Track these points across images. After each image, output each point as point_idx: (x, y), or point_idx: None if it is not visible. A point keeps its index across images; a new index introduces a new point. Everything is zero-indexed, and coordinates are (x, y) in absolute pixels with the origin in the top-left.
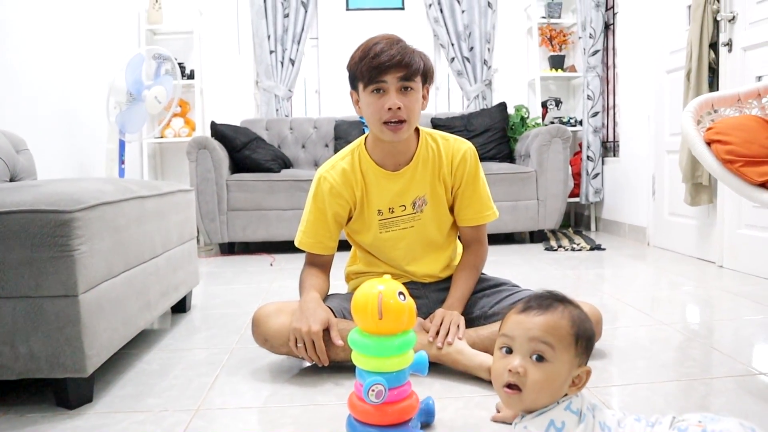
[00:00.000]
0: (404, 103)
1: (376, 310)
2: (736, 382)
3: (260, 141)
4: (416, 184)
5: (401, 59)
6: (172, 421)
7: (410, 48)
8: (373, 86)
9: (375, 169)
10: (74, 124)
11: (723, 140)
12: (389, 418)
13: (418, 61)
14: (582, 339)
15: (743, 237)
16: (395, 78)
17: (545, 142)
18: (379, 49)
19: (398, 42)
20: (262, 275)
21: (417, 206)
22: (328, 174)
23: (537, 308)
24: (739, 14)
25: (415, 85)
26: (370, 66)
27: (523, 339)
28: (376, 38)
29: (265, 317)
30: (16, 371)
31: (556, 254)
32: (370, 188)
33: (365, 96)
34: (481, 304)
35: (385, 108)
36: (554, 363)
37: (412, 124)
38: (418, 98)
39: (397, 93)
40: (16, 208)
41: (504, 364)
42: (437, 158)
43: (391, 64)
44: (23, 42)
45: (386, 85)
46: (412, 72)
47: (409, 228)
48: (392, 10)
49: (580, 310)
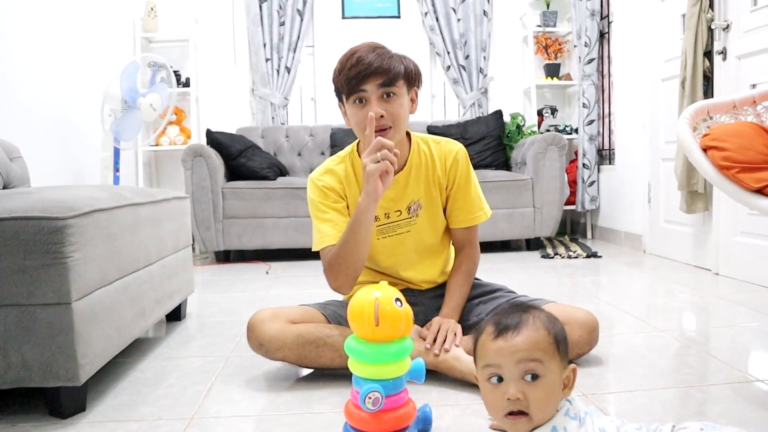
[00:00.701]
0: (387, 109)
1: (373, 317)
2: (734, 389)
3: (256, 149)
4: (411, 188)
5: (379, 65)
6: (167, 430)
7: (389, 53)
8: (354, 96)
9: None
10: (69, 132)
11: (719, 146)
12: (386, 426)
13: (397, 65)
14: (561, 341)
15: (739, 244)
16: (375, 86)
17: (541, 150)
18: (356, 59)
19: (376, 49)
20: (257, 283)
21: (412, 211)
22: (321, 177)
23: (512, 328)
24: (733, 23)
25: (397, 90)
26: (348, 77)
27: (511, 364)
28: (355, 47)
29: (260, 322)
30: (8, 380)
31: (553, 262)
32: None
33: (349, 107)
34: (478, 311)
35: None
36: (547, 375)
37: (399, 129)
38: (402, 103)
39: (379, 100)
40: (8, 215)
41: (499, 394)
42: (430, 161)
43: (368, 71)
44: (18, 49)
45: (367, 94)
46: (392, 77)
47: (405, 233)
48: (388, 18)
49: (545, 311)
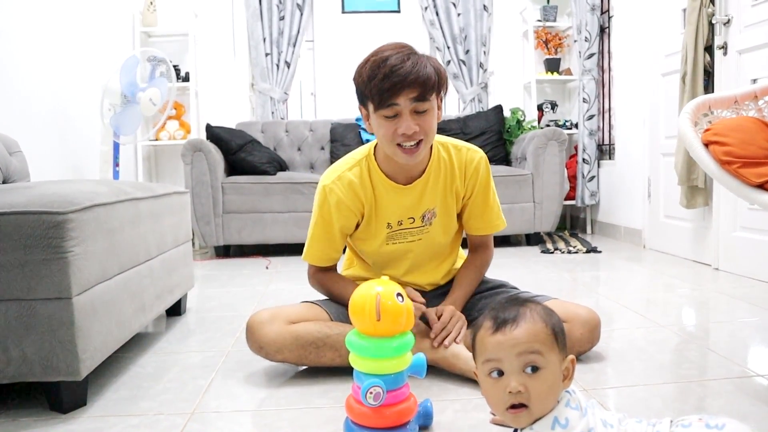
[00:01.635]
0: (420, 124)
1: (374, 312)
2: (734, 384)
3: (256, 144)
4: (427, 197)
5: (416, 78)
6: (167, 424)
7: (422, 59)
8: (384, 111)
9: (385, 182)
10: (68, 126)
11: (721, 141)
12: (387, 421)
13: (432, 75)
14: (559, 333)
15: (739, 239)
16: (409, 99)
17: (541, 145)
18: (390, 68)
19: (410, 56)
20: (257, 278)
21: (426, 219)
22: (335, 186)
23: (510, 322)
24: (734, 17)
25: (429, 104)
26: (380, 88)
27: (511, 357)
28: (385, 50)
29: (259, 324)
30: (9, 375)
31: (552, 257)
32: (380, 201)
33: (376, 118)
34: (480, 306)
35: (399, 133)
36: (547, 367)
37: (429, 142)
38: (433, 117)
39: (412, 115)
40: (8, 210)
41: (501, 388)
42: (449, 169)
43: (404, 84)
44: (17, 43)
45: (399, 107)
46: (427, 90)
47: (416, 241)
48: (388, 13)
49: (541, 305)
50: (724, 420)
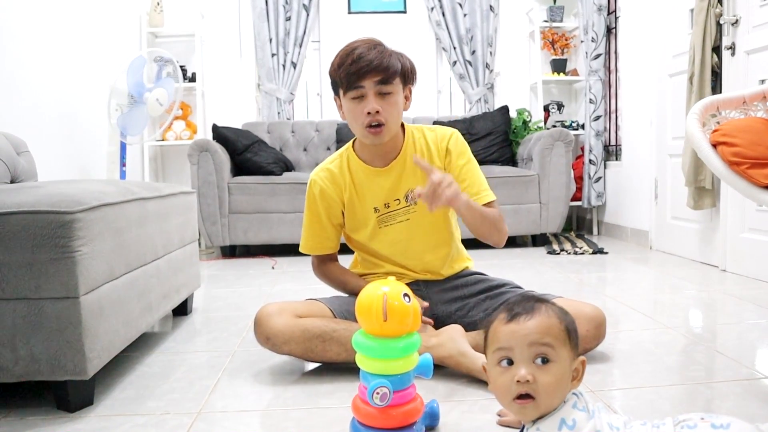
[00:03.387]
0: (383, 106)
1: (381, 312)
2: (741, 386)
3: (262, 144)
4: (407, 177)
5: (379, 63)
6: (174, 424)
7: (388, 51)
8: (352, 92)
9: (364, 168)
10: (75, 127)
11: (729, 142)
12: (393, 421)
13: (395, 63)
14: (572, 331)
15: (746, 241)
16: (373, 82)
17: (547, 146)
18: (357, 55)
19: (376, 46)
20: (263, 278)
21: (410, 199)
22: (317, 176)
23: (524, 313)
24: (743, 17)
25: (393, 88)
26: (348, 72)
27: (523, 346)
28: (355, 43)
29: (267, 316)
30: (17, 374)
31: (559, 258)
32: (362, 188)
33: (346, 102)
34: (485, 306)
35: (364, 112)
36: (558, 362)
37: (391, 126)
38: (397, 101)
39: (376, 97)
40: (17, 209)
41: (509, 376)
42: (426, 149)
43: (368, 69)
44: (24, 44)
45: (364, 90)
46: (390, 75)
47: (405, 221)
48: (394, 13)
49: (557, 305)
50: (729, 419)
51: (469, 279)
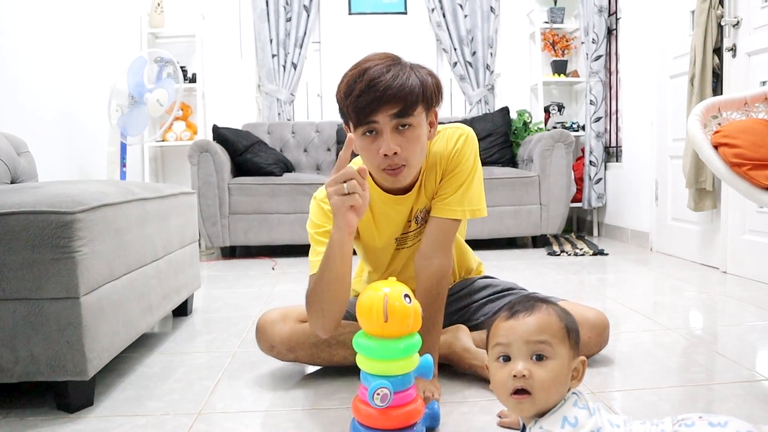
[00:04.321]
0: (402, 144)
1: (382, 313)
2: (742, 387)
3: (262, 145)
4: (420, 198)
5: (396, 92)
6: (174, 424)
7: (405, 71)
8: (363, 128)
9: (381, 195)
10: (76, 127)
11: (731, 143)
12: (394, 422)
13: (415, 86)
14: (572, 331)
15: (747, 243)
16: (388, 116)
17: (548, 147)
18: (368, 79)
19: (391, 67)
20: (263, 279)
21: (420, 220)
22: (323, 201)
23: (524, 311)
24: (744, 19)
25: (414, 119)
26: (357, 106)
27: (521, 342)
28: (366, 62)
29: (270, 324)
30: (17, 374)
31: (559, 259)
32: (380, 217)
33: (357, 137)
34: (485, 311)
35: (380, 154)
36: (555, 359)
37: (414, 166)
38: (419, 135)
39: (393, 133)
40: (17, 209)
41: (506, 372)
42: (438, 160)
43: (382, 100)
44: (25, 44)
45: (378, 125)
46: (409, 105)
47: (418, 242)
48: (395, 14)
49: (560, 306)
50: (726, 418)
51: (474, 286)
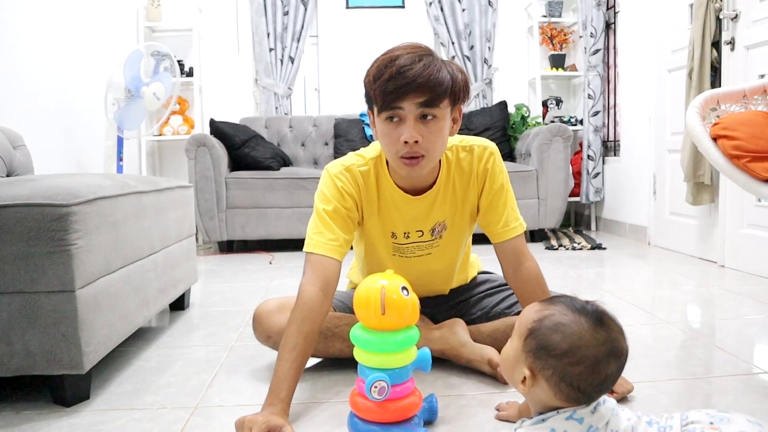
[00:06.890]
0: (424, 134)
1: (379, 306)
2: (740, 380)
3: (259, 139)
4: (437, 208)
5: (425, 81)
6: (171, 418)
7: (437, 62)
8: (387, 113)
9: (393, 191)
10: (72, 121)
11: (730, 135)
12: (391, 416)
13: (445, 79)
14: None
15: (745, 236)
16: (414, 104)
17: (546, 141)
18: (398, 67)
19: (422, 57)
20: (261, 273)
21: (436, 233)
22: (338, 177)
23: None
24: (742, 12)
25: (439, 111)
26: (384, 90)
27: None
28: (396, 50)
29: (267, 314)
30: (12, 368)
31: (557, 253)
32: (385, 210)
33: (379, 122)
34: (482, 305)
35: (401, 141)
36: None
37: (433, 158)
38: (442, 127)
39: (416, 122)
40: (12, 202)
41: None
42: (465, 175)
43: (411, 87)
44: (21, 38)
45: (403, 112)
46: (437, 96)
47: (425, 255)
48: (392, 8)
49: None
50: (740, 428)
51: (472, 282)
